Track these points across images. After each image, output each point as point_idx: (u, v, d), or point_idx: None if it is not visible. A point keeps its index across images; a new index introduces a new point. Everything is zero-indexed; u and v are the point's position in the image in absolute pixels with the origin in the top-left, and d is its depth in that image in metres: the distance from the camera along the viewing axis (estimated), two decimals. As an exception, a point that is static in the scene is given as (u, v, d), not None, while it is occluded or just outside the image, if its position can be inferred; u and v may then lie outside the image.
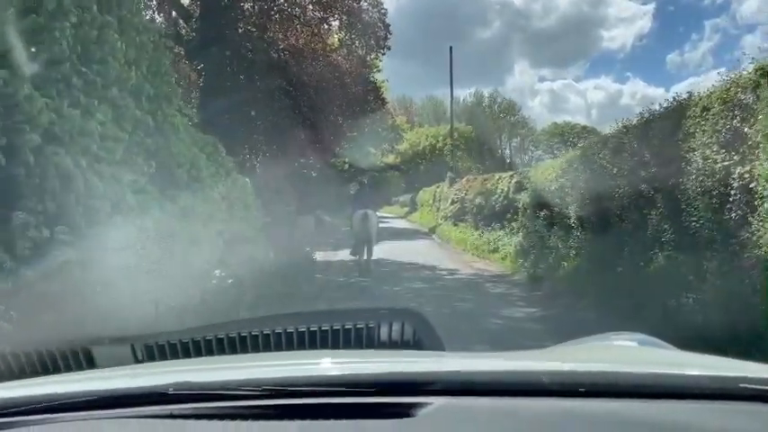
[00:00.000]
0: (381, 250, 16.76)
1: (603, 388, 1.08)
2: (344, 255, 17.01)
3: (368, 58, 16.95)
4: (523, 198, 13.60)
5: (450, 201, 23.15)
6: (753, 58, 5.50)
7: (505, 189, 15.47)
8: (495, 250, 15.26)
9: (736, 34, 79.76)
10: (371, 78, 18.04)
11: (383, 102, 16.71)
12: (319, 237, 22.79)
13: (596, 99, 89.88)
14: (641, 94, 77.31)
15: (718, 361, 1.40)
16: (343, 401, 1.09)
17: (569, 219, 9.90)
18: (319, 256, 16.88)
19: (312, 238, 20.25)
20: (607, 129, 9.34)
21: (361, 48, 14.97)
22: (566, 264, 9.56)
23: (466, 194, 20.26)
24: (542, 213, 11.57)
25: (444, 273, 12.84)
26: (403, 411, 1.04)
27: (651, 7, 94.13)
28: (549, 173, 11.73)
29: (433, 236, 23.24)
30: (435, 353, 1.70)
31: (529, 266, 11.54)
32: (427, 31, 77.17)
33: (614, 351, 1.71)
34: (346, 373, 1.27)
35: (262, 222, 9.05)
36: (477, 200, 18.11)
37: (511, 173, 16.89)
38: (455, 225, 21.09)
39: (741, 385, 1.08)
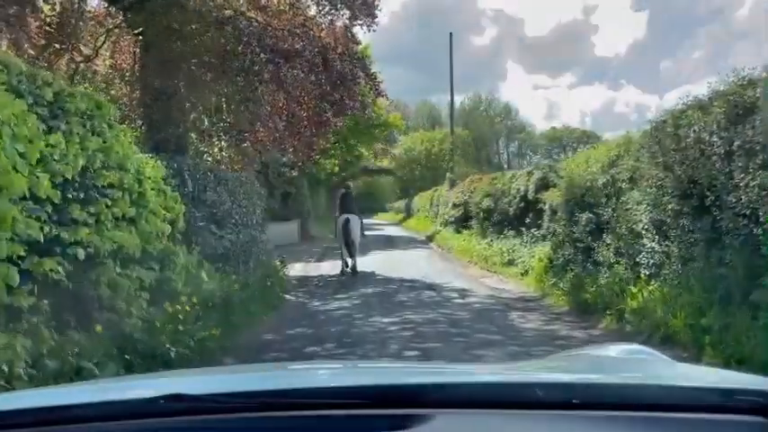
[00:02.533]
0: (372, 262, 14.16)
1: (598, 399, 1.07)
2: (328, 267, 14.26)
3: (353, 29, 13.82)
4: (552, 197, 10.61)
5: (450, 205, 20.40)
6: None
7: (523, 188, 12.59)
8: (511, 263, 12.55)
9: (729, 42, 77.73)
10: (360, 56, 14.86)
11: (375, 82, 13.63)
12: (302, 246, 20.33)
13: (590, 106, 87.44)
14: (635, 101, 75.27)
15: (713, 373, 1.40)
16: (339, 414, 1.07)
17: (636, 223, 6.88)
18: (297, 269, 14.12)
19: (292, 248, 17.81)
20: (607, 134, 6.35)
21: (345, 7, 11.92)
22: (635, 289, 6.53)
23: (470, 197, 17.53)
24: (584, 216, 8.56)
25: (452, 294, 9.92)
26: (401, 424, 1.02)
27: (645, 14, 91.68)
28: (592, 164, 8.76)
29: (432, 244, 20.58)
30: (433, 365, 1.55)
31: (567, 287, 8.54)
32: (421, 39, 74.73)
33: (609, 362, 1.66)
34: (342, 384, 1.26)
35: (188, 226, 6.04)
36: (485, 202, 15.32)
37: (529, 168, 13.96)
38: (458, 232, 18.50)
39: (737, 397, 1.06)
